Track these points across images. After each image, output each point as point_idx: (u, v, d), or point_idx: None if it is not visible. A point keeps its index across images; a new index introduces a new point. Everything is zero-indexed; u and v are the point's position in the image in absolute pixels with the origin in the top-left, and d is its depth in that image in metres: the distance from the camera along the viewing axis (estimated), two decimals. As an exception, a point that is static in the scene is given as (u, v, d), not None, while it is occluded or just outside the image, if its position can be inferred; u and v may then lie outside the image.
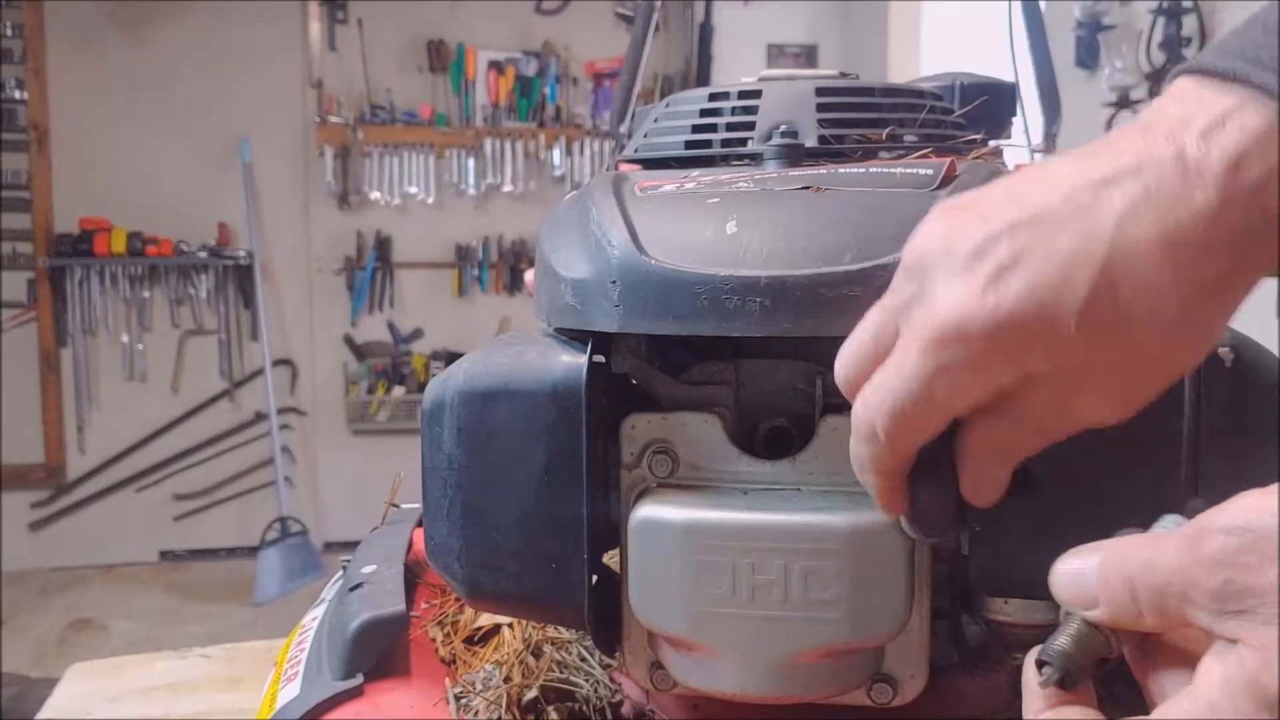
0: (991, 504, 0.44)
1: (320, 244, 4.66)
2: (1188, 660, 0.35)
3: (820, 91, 0.66)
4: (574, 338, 0.57)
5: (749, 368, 0.58)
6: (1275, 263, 0.38)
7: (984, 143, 0.68)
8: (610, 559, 0.59)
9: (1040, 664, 0.38)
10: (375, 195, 4.62)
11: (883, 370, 0.41)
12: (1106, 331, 0.37)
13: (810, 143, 0.63)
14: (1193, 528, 0.34)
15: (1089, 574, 0.37)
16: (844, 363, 0.44)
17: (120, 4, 4.37)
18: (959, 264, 0.39)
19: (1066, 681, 0.37)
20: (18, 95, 4.35)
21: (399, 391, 4.68)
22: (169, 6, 4.40)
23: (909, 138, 0.66)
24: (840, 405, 0.56)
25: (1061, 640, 0.38)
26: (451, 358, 4.18)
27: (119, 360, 4.55)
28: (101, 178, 4.44)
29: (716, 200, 0.55)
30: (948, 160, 0.58)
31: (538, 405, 0.54)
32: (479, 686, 0.65)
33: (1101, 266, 0.37)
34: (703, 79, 4.62)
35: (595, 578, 0.55)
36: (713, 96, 0.69)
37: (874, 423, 0.42)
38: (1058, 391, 0.40)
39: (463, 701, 0.64)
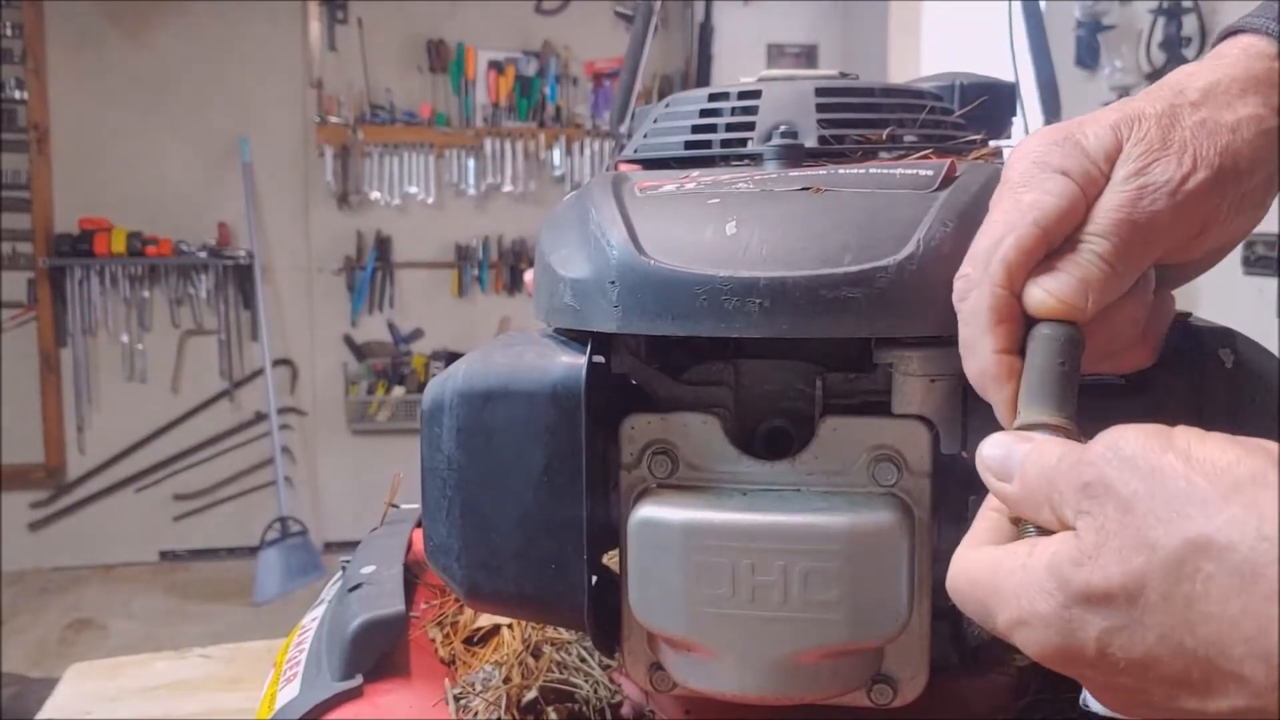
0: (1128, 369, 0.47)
1: (320, 244, 4.66)
2: None
3: (820, 92, 0.66)
4: (573, 338, 0.57)
5: (748, 368, 0.58)
6: None
7: (984, 143, 0.68)
8: (610, 560, 0.59)
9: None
10: (375, 195, 4.63)
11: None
12: None
13: (810, 143, 0.63)
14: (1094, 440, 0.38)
15: (1015, 454, 0.40)
16: None
17: (120, 4, 4.37)
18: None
19: None
20: (18, 95, 4.35)
21: (399, 391, 4.68)
22: (169, 6, 4.40)
23: (909, 138, 0.66)
24: (839, 406, 0.56)
25: None
26: (451, 358, 4.18)
27: (119, 360, 4.55)
28: (101, 178, 4.44)
29: (716, 201, 0.55)
30: (948, 161, 0.58)
31: (537, 406, 0.54)
32: (478, 687, 0.65)
33: None
34: (703, 79, 4.62)
35: (595, 578, 0.55)
36: (713, 97, 0.69)
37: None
38: None
39: (462, 702, 0.64)
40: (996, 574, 0.39)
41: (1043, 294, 0.43)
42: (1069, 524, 0.37)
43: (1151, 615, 0.33)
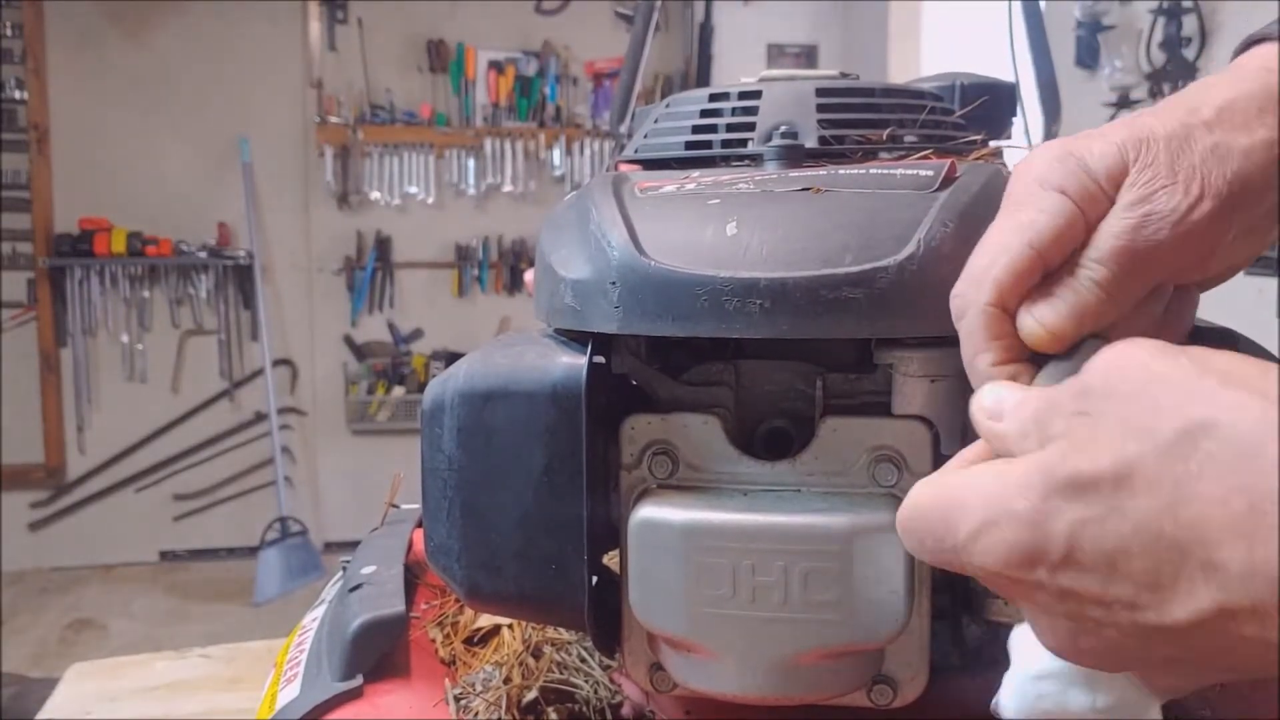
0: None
1: (320, 244, 4.66)
2: None
3: (820, 92, 0.66)
4: (574, 338, 0.57)
5: (749, 368, 0.58)
6: None
7: (984, 143, 0.68)
8: (610, 560, 0.59)
9: None
10: (375, 195, 4.63)
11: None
12: None
13: (810, 143, 0.63)
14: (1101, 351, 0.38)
15: (1011, 397, 0.41)
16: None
17: (120, 4, 4.37)
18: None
19: None
20: (18, 95, 4.35)
21: (399, 391, 4.68)
22: (169, 6, 4.40)
23: (909, 138, 0.66)
24: (840, 406, 0.56)
25: None
26: (451, 358, 4.19)
27: (119, 360, 4.55)
28: (101, 178, 4.44)
29: (716, 201, 0.55)
30: (948, 161, 0.58)
31: (537, 406, 0.54)
32: (479, 687, 0.65)
33: None
34: (703, 79, 4.62)
35: (595, 579, 0.55)
36: (713, 97, 0.69)
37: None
38: None
39: (462, 703, 0.64)
40: (962, 488, 0.38)
41: (1034, 324, 0.43)
42: (1057, 438, 0.37)
43: (1134, 500, 0.33)
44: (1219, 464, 0.32)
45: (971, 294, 0.44)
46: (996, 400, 0.41)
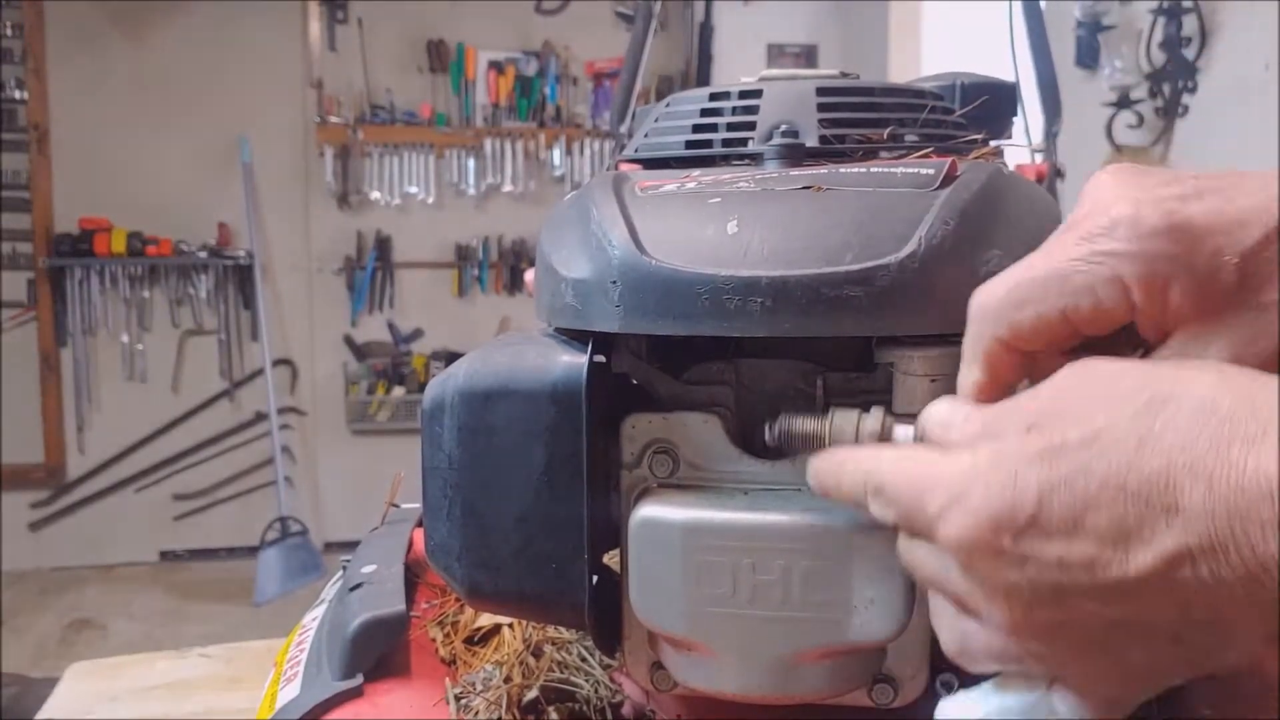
0: None
1: (320, 244, 4.67)
2: None
3: (821, 91, 0.66)
4: (574, 338, 0.57)
5: (750, 367, 0.58)
6: None
7: (984, 142, 0.68)
8: (610, 559, 0.59)
9: None
10: (375, 195, 4.63)
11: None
12: None
13: (811, 142, 0.63)
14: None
15: (960, 411, 0.43)
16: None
17: (120, 4, 4.37)
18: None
19: None
20: (18, 95, 4.35)
21: (399, 391, 4.68)
22: (169, 6, 4.40)
23: (910, 137, 0.66)
24: (840, 405, 0.56)
25: None
26: (451, 358, 4.19)
27: (119, 360, 4.56)
28: (101, 178, 4.45)
29: (717, 200, 0.55)
30: (949, 160, 0.58)
31: (538, 405, 0.54)
32: (479, 687, 0.65)
33: None
34: (703, 79, 4.62)
35: (595, 578, 0.55)
36: (713, 96, 0.69)
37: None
38: None
39: (463, 702, 0.64)
40: (932, 468, 0.40)
41: None
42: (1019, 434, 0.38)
43: (1101, 458, 0.35)
44: (1180, 419, 0.34)
45: (989, 316, 0.43)
46: (948, 412, 0.43)
